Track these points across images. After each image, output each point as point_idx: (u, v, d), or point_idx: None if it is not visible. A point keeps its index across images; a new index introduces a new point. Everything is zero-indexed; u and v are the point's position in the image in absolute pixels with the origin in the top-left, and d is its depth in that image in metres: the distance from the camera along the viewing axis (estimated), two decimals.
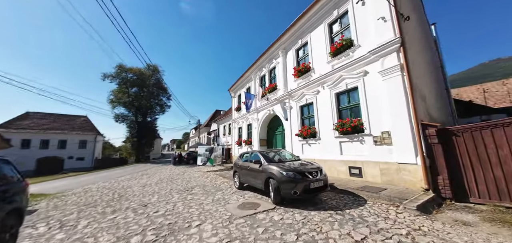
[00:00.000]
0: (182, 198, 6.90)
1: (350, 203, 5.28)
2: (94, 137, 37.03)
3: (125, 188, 9.82)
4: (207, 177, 11.88)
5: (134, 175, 15.70)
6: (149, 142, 37.75)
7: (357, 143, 7.39)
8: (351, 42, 7.82)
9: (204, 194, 7.41)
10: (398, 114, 6.07)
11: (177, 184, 9.99)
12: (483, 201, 4.64)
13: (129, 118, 34.73)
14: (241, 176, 7.67)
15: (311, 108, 10.02)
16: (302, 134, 9.92)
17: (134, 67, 33.58)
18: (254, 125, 15.90)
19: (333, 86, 8.51)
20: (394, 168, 6.16)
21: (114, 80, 32.86)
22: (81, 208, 6.48)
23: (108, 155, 52.23)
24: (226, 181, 10.08)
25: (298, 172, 5.27)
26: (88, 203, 7.03)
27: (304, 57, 10.76)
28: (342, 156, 7.96)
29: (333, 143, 8.33)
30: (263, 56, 14.47)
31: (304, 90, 10.24)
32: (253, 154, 7.38)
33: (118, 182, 12.39)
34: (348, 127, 7.42)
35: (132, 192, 8.80)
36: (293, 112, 11.12)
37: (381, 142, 6.54)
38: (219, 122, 28.38)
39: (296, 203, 5.41)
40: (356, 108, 7.67)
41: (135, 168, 23.02)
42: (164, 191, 8.37)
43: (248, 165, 7.17)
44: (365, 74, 7.25)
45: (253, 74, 16.36)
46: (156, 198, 7.14)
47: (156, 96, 36.89)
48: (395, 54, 6.29)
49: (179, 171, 16.66)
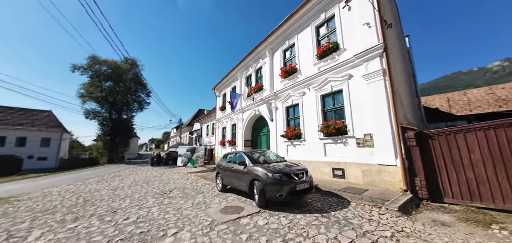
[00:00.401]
0: (158, 202, 6.31)
1: (334, 204, 5.24)
2: (60, 135, 33.41)
3: (92, 192, 8.80)
4: (187, 179, 11.22)
5: (104, 177, 14.30)
6: (124, 141, 35.02)
7: (341, 144, 7.48)
8: (337, 45, 7.94)
9: (183, 198, 6.88)
10: (380, 117, 6.24)
11: (154, 187, 9.23)
12: (456, 201, 4.90)
13: (101, 114, 31.88)
14: (224, 177, 7.29)
15: (296, 109, 10.01)
16: (288, 135, 9.85)
17: (110, 60, 31.01)
18: (238, 125, 15.55)
19: (319, 89, 8.57)
20: (375, 169, 6.31)
21: (86, 73, 29.93)
22: (36, 215, 5.56)
23: (76, 154, 47.56)
24: (208, 183, 9.59)
25: (284, 173, 5.09)
26: (45, 210, 6.08)
27: (291, 58, 10.75)
28: (326, 157, 8.01)
29: (318, 144, 8.36)
30: (250, 55, 14.23)
31: (290, 91, 10.20)
32: (237, 154, 7.05)
33: (85, 185, 11.14)
34: (332, 128, 7.48)
35: (100, 196, 7.89)
36: (279, 113, 11.03)
37: (364, 144, 6.67)
38: (202, 121, 27.44)
39: (281, 205, 5.22)
40: (340, 110, 7.79)
41: (106, 169, 21.11)
42: (138, 195, 7.63)
43: (232, 166, 6.83)
44: (349, 78, 7.38)
45: (239, 74, 16.03)
46: (127, 203, 6.43)
47: (133, 92, 34.43)
48: (378, 59, 6.48)
49: (157, 172, 15.61)
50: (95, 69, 30.10)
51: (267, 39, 12.16)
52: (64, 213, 5.62)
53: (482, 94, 21.14)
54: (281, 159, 6.86)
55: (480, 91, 22.16)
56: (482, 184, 4.56)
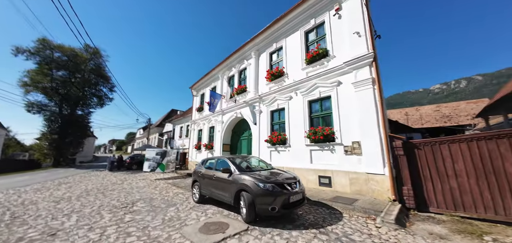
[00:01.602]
0: (117, 219, 5.03)
1: (328, 217, 4.84)
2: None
3: (26, 205, 6.82)
4: (155, 187, 9.76)
5: (46, 184, 11.63)
6: (77, 141, 30.02)
7: (328, 151, 7.28)
8: (327, 52, 7.86)
9: (150, 212, 5.70)
10: (369, 125, 6.20)
11: (112, 198, 7.64)
12: (441, 210, 4.99)
13: (49, 108, 26.83)
14: (203, 186, 6.35)
15: (282, 114, 9.63)
16: (272, 140, 9.36)
17: (66, 46, 26.55)
18: (217, 128, 14.53)
19: (307, 94, 8.34)
20: (363, 178, 6.20)
21: (33, 58, 24.92)
22: None
23: (12, 155, 39.13)
24: (181, 192, 8.40)
25: (277, 183, 4.49)
26: None
27: (278, 61, 10.43)
28: (312, 165, 7.73)
29: (304, 151, 8.05)
30: (233, 55, 13.52)
31: (276, 95, 9.80)
32: (219, 160, 6.22)
33: (19, 194, 8.75)
34: (320, 135, 7.25)
35: (36, 210, 6.10)
36: (263, 117, 10.52)
37: (351, 152, 6.56)
38: (176, 122, 25.31)
39: (271, 220, 4.59)
40: (328, 117, 7.65)
41: (50, 174, 17.50)
42: (89, 209, 6.10)
43: (213, 173, 5.95)
44: (338, 84, 7.30)
45: (221, 73, 15.13)
46: (73, 221, 4.98)
47: (93, 85, 30.03)
48: (368, 68, 6.51)
49: (117, 178, 13.42)
50: (45, 54, 25.35)
51: (253, 40, 11.67)
52: None
53: (431, 111, 24.47)
54: (268, 166, 6.28)
55: (429, 108, 25.66)
56: (465, 194, 4.70)
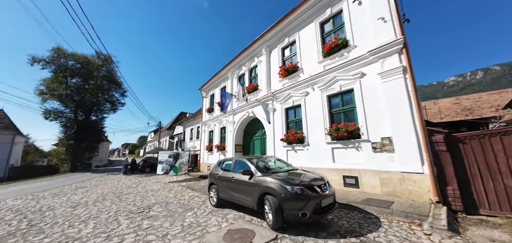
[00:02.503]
0: (135, 226, 4.78)
1: (363, 222, 4.33)
2: (12, 138, 28.19)
3: (44, 211, 6.78)
4: (170, 190, 9.57)
5: (64, 189, 11.78)
6: (92, 145, 30.87)
7: (353, 149, 6.73)
8: (346, 42, 7.30)
9: (168, 217, 5.42)
10: (401, 119, 5.61)
11: (128, 202, 7.48)
12: (494, 212, 4.35)
13: (65, 115, 27.73)
14: (221, 189, 6.00)
15: (298, 111, 9.14)
16: (288, 139, 8.89)
17: (79, 53, 27.36)
18: (229, 128, 14.23)
19: (325, 88, 7.81)
20: (396, 177, 5.61)
21: (48, 67, 25.84)
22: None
23: (32, 161, 41.01)
24: (197, 195, 8.13)
25: (306, 185, 4.04)
26: None
27: (291, 56, 9.95)
28: (334, 164, 7.19)
29: (325, 149, 7.53)
30: (243, 53, 13.17)
31: (291, 91, 9.33)
32: (238, 161, 5.85)
33: (37, 200, 8.82)
34: (343, 131, 6.71)
35: (53, 216, 6.00)
36: (277, 115, 10.07)
37: (381, 149, 5.98)
38: (186, 125, 25.35)
39: (302, 227, 4.14)
40: (351, 112, 7.09)
41: (68, 179, 17.94)
42: (105, 214, 5.92)
43: (232, 176, 5.59)
44: (361, 76, 6.73)
45: (230, 73, 14.83)
46: (90, 228, 4.78)
47: (106, 91, 30.80)
48: (397, 56, 5.91)
49: (131, 182, 13.46)
50: (59, 63, 26.22)
51: (263, 36, 11.26)
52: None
53: (450, 104, 22.95)
54: (289, 166, 5.83)
55: (448, 101, 24.09)
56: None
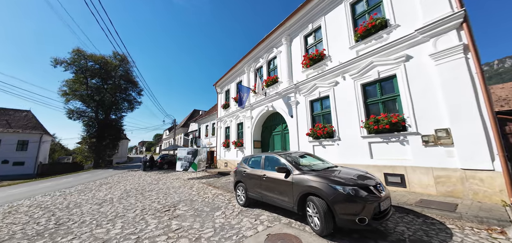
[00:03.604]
0: (164, 227, 4.46)
1: (428, 229, 3.64)
2: (39, 137, 30.09)
3: (71, 208, 6.77)
4: (191, 187, 9.34)
5: (89, 185, 12.07)
6: (113, 143, 32.08)
7: (396, 144, 5.95)
8: (386, 22, 6.45)
9: (196, 217, 5.07)
10: (462, 107, 4.76)
11: (152, 199, 7.30)
12: None
13: (87, 114, 28.95)
14: (250, 188, 5.54)
15: (326, 102, 8.42)
16: (315, 133, 8.23)
17: (97, 55, 28.28)
18: (246, 124, 13.79)
19: (359, 76, 7.03)
20: (456, 175, 4.80)
21: (70, 68, 27.04)
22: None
23: (58, 159, 43.79)
24: (220, 193, 7.77)
25: (361, 185, 3.43)
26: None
27: (316, 43, 9.19)
28: (372, 160, 6.45)
29: (360, 144, 6.79)
30: (260, 45, 12.57)
31: (316, 82, 8.61)
32: (268, 158, 5.34)
33: (64, 196, 9.00)
34: (385, 124, 5.93)
35: (81, 214, 5.90)
36: (301, 108, 9.41)
37: (435, 142, 5.16)
38: (201, 122, 25.36)
39: (352, 234, 3.55)
40: (392, 101, 6.27)
41: (92, 175, 18.63)
42: (132, 213, 5.71)
43: (263, 173, 5.10)
44: (406, 60, 5.88)
45: (247, 66, 14.31)
46: (119, 228, 4.53)
47: (123, 90, 31.74)
48: (455, 32, 5.02)
49: (152, 178, 13.54)
50: (80, 64, 27.29)
51: (283, 24, 10.56)
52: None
53: None
54: (328, 163, 5.22)
55: None
56: None
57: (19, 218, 5.77)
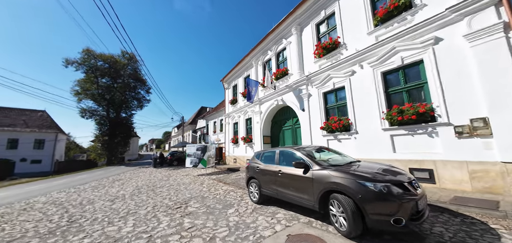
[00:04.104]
0: (176, 225, 4.27)
1: (468, 230, 3.21)
2: (55, 136, 31.24)
3: (84, 204, 6.77)
4: (201, 184, 9.20)
5: (102, 182, 12.26)
6: (124, 140, 32.85)
7: (424, 136, 5.45)
8: (410, 2, 5.87)
9: (208, 214, 4.86)
10: (503, 92, 4.21)
11: (163, 196, 7.20)
12: None
13: (98, 113, 29.68)
14: (264, 184, 5.26)
15: (341, 94, 7.95)
16: (330, 126, 7.81)
17: (106, 54, 28.75)
18: (255, 119, 13.49)
19: (379, 64, 6.51)
20: (496, 169, 4.29)
21: (80, 68, 27.71)
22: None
23: (74, 156, 45.47)
24: (231, 189, 7.56)
25: (394, 182, 3.05)
26: (9, 239, 4.02)
27: (329, 31, 8.66)
28: (395, 154, 5.98)
29: (380, 137, 6.33)
30: (268, 37, 12.13)
31: (330, 72, 8.14)
32: (283, 152, 5.02)
33: (78, 193, 9.11)
34: (411, 114, 5.44)
35: (93, 211, 5.86)
36: (313, 100, 8.98)
37: (470, 133, 4.65)
38: (208, 118, 25.34)
39: (382, 235, 3.19)
40: (418, 90, 5.75)
41: (105, 172, 19.07)
42: (144, 210, 5.59)
43: (278, 169, 4.79)
44: (435, 42, 5.33)
45: (254, 60, 13.93)
46: (130, 226, 4.39)
47: (132, 89, 32.26)
48: (493, 9, 4.44)
49: (162, 175, 13.60)
50: (90, 64, 27.87)
51: (293, 13, 10.06)
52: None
53: None
54: (349, 157, 4.83)
55: None
56: None
57: (33, 215, 5.80)
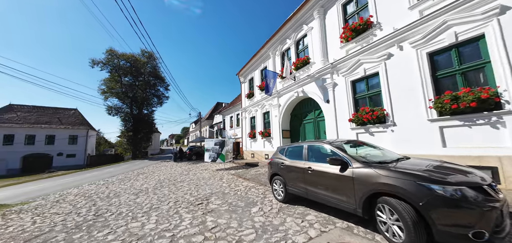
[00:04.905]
0: (199, 224, 4.02)
1: None
2: (86, 132, 33.83)
3: (111, 197, 6.94)
4: (221, 178, 9.02)
5: (128, 175, 12.80)
6: (146, 136, 34.56)
7: (486, 126, 4.51)
8: None
9: (231, 212, 4.56)
10: None
11: (184, 190, 7.11)
12: None
13: (123, 110, 31.46)
14: (290, 182, 4.79)
15: (373, 81, 7.08)
16: (360, 118, 7.02)
17: (127, 53, 30.11)
18: (273, 113, 12.96)
19: (424, 43, 5.55)
20: None
21: (105, 68, 29.41)
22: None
23: (103, 151, 49.19)
24: (252, 185, 7.22)
25: (470, 184, 2.38)
26: (38, 233, 4.11)
27: (359, 11, 7.73)
28: (445, 150, 5.10)
29: (425, 129, 5.45)
30: (286, 24, 11.39)
31: (360, 58, 7.27)
32: (313, 147, 4.48)
33: (106, 185, 9.54)
34: (470, 101, 4.52)
35: (118, 204, 5.92)
36: (340, 90, 8.19)
37: None
38: (225, 113, 25.36)
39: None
40: (476, 72, 4.77)
41: (130, 166, 20.13)
42: (166, 205, 5.49)
43: (307, 166, 4.27)
44: (501, 12, 4.30)
45: (272, 50, 13.29)
46: (153, 223, 4.24)
47: (152, 86, 33.56)
48: None
49: (182, 169, 13.82)
50: (113, 63, 29.41)
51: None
52: (57, 241, 3.58)
53: None
54: (391, 152, 4.14)
55: None
56: None
57: (64, 207, 6.02)
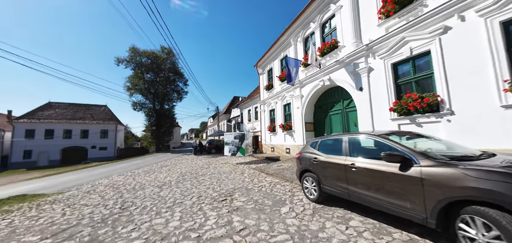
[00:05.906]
0: (224, 223, 3.63)
1: None
2: (115, 126, 36.34)
3: (137, 189, 6.99)
4: (242, 173, 8.67)
5: (152, 167, 13.21)
6: (168, 130, 36.05)
7: None
8: None
9: (259, 212, 4.10)
10: None
11: (206, 184, 6.88)
12: None
13: (146, 106, 33.02)
14: (326, 180, 4.15)
15: (421, 62, 5.98)
16: (406, 107, 6.01)
17: (148, 50, 31.24)
18: (295, 104, 12.19)
19: (496, 9, 4.38)
20: None
21: (129, 65, 30.93)
22: (46, 236, 3.58)
23: (131, 144, 52.78)
24: (277, 181, 6.70)
25: None
26: (61, 230, 4.08)
27: None
28: None
29: (495, 118, 4.37)
30: (310, 6, 10.36)
31: (405, 35, 6.18)
32: (357, 141, 3.78)
33: (133, 177, 9.87)
34: None
35: (143, 197, 5.87)
36: (376, 76, 7.17)
37: None
38: (243, 107, 25.06)
39: None
40: None
41: (155, 158, 21.00)
42: (189, 200, 5.24)
43: (350, 162, 3.59)
44: None
45: (293, 37, 12.38)
46: (177, 220, 3.97)
47: (172, 82, 34.58)
48: None
49: (202, 162, 13.85)
50: (136, 61, 30.73)
51: None
52: (83, 236, 3.47)
53: None
54: (465, 147, 3.29)
55: None
56: None
57: (93, 199, 6.15)
